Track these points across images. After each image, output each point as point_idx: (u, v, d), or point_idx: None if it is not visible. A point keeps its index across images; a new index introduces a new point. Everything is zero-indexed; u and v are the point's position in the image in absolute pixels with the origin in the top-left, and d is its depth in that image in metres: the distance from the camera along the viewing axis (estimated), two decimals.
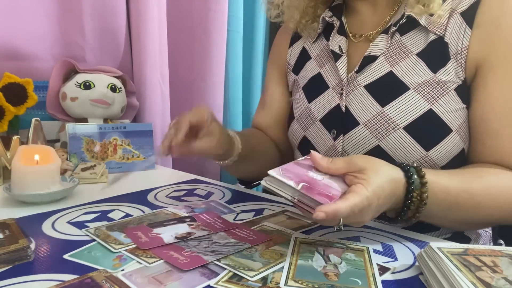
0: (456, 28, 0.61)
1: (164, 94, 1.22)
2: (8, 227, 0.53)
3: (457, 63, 0.60)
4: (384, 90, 0.64)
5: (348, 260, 0.46)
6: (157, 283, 0.41)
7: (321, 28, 0.75)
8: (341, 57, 0.69)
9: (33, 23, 1.04)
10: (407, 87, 0.62)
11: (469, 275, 0.37)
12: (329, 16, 0.72)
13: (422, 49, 0.63)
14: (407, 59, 0.63)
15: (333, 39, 0.71)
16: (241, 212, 0.65)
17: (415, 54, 0.63)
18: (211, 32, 1.28)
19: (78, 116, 1.03)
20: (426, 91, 0.61)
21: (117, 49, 1.17)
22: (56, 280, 0.42)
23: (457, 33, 0.60)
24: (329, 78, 0.71)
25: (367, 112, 0.64)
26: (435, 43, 0.62)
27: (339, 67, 0.68)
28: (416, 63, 0.62)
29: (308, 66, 0.76)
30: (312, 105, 0.72)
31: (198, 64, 1.30)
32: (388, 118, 0.62)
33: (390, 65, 0.64)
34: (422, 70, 0.62)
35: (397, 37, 0.65)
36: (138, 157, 1.00)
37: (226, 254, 0.47)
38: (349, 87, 0.67)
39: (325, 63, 0.73)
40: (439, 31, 0.62)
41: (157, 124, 1.20)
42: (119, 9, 1.14)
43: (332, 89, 0.69)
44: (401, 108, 0.61)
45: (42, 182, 0.69)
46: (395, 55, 0.64)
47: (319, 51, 0.76)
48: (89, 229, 0.56)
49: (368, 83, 0.65)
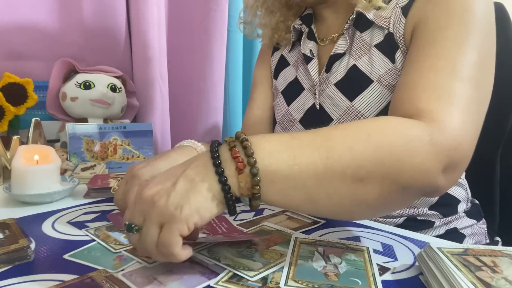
0: (396, 21, 0.62)
1: (164, 94, 1.22)
2: (8, 227, 0.53)
3: (400, 51, 0.62)
4: (351, 85, 0.66)
5: (348, 260, 0.46)
6: (157, 283, 0.41)
7: (294, 36, 0.79)
8: (312, 60, 0.73)
9: (33, 23, 1.04)
10: (371, 79, 0.64)
11: (469, 275, 0.37)
12: (299, 24, 0.77)
13: (380, 41, 0.65)
14: (368, 53, 0.66)
15: (303, 44, 0.75)
16: (241, 212, 0.65)
17: (373, 46, 0.65)
18: (211, 32, 1.28)
19: (78, 116, 1.03)
20: (388, 81, 0.62)
21: (117, 49, 1.17)
22: (56, 280, 0.42)
23: (397, 24, 0.62)
24: (304, 80, 0.75)
25: (338, 108, 0.67)
26: (388, 36, 0.64)
27: (310, 69, 0.72)
28: (377, 56, 0.64)
29: (287, 72, 0.80)
30: (291, 107, 0.76)
31: (198, 64, 1.30)
32: (357, 111, 0.64)
33: (354, 59, 0.67)
34: (382, 61, 0.64)
35: (358, 34, 0.68)
36: (138, 157, 1.00)
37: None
38: (322, 87, 0.71)
39: (299, 67, 0.77)
40: (385, 24, 0.64)
41: (157, 124, 1.20)
42: (119, 9, 1.14)
43: (308, 90, 0.73)
44: (367, 100, 0.64)
45: (42, 182, 0.69)
46: (357, 50, 0.67)
47: (296, 58, 0.80)
48: (89, 229, 0.56)
49: (337, 80, 0.68)
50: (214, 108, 1.34)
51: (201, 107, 1.32)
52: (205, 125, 1.33)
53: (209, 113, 1.33)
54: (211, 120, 1.34)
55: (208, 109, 1.33)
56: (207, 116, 1.33)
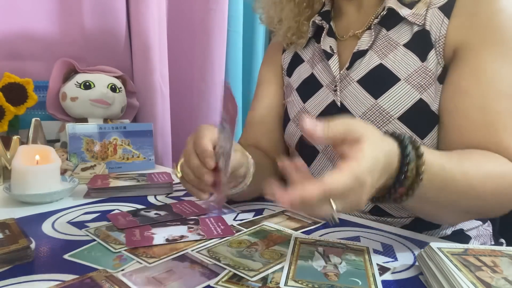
0: (435, 20, 0.62)
1: (164, 94, 1.22)
2: (8, 227, 0.53)
3: (435, 51, 0.62)
4: (376, 82, 0.65)
5: (348, 260, 0.46)
6: (157, 283, 0.41)
7: (312, 32, 0.78)
8: (332, 56, 0.71)
9: (33, 23, 1.05)
10: (398, 78, 0.63)
11: (469, 275, 0.37)
12: (319, 20, 0.75)
13: (409, 39, 0.64)
14: (395, 51, 0.65)
15: (324, 40, 0.74)
16: (241, 212, 0.65)
17: (402, 45, 0.65)
18: (211, 32, 1.28)
19: (78, 116, 1.03)
20: (416, 81, 0.62)
21: (117, 49, 1.17)
22: (56, 280, 0.42)
23: (436, 23, 0.62)
24: (322, 77, 0.73)
25: (361, 106, 0.66)
26: (419, 33, 0.63)
27: (331, 65, 0.71)
28: (404, 54, 0.64)
29: (301, 68, 0.79)
30: (307, 104, 0.74)
31: (198, 64, 1.30)
32: (382, 109, 0.63)
33: (380, 58, 0.66)
34: (411, 59, 0.63)
35: (384, 32, 0.67)
36: (138, 157, 1.00)
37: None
38: (343, 83, 0.69)
39: (317, 64, 0.76)
40: (419, 21, 0.63)
41: (157, 124, 1.20)
42: (119, 9, 1.14)
43: (326, 87, 0.72)
44: (393, 99, 0.63)
45: (42, 182, 0.69)
46: (383, 48, 0.66)
47: (311, 54, 0.78)
48: (89, 229, 0.56)
49: (360, 77, 0.67)
50: (214, 108, 1.34)
51: (201, 107, 1.32)
52: None
53: (209, 113, 1.33)
54: (211, 120, 1.34)
55: (208, 109, 1.33)
56: (207, 116, 1.33)
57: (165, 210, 0.64)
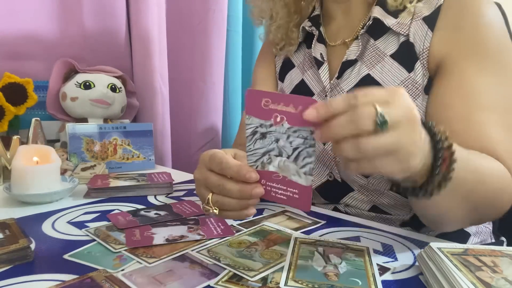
0: (418, 32, 0.62)
1: (164, 94, 1.22)
2: (8, 227, 0.53)
3: (420, 63, 0.62)
4: None
5: (348, 260, 0.46)
6: (157, 283, 0.41)
7: (302, 37, 0.78)
8: (323, 65, 0.71)
9: (33, 23, 1.04)
10: None
11: (469, 275, 0.37)
12: (309, 26, 0.75)
13: (395, 50, 0.64)
14: (382, 62, 0.65)
15: (314, 47, 0.74)
16: None
17: (389, 55, 0.65)
18: (211, 32, 1.28)
19: (78, 116, 1.03)
20: None
21: (117, 49, 1.17)
22: (56, 280, 0.42)
23: (420, 36, 0.62)
24: (312, 84, 0.74)
25: None
26: (405, 44, 0.64)
27: (321, 74, 0.71)
28: (391, 65, 0.64)
29: (293, 73, 0.79)
30: None
31: (198, 64, 1.30)
32: None
33: (368, 68, 0.66)
34: (397, 71, 0.63)
35: (371, 42, 0.67)
36: (138, 157, 1.00)
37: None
38: (333, 93, 0.70)
39: (307, 70, 0.76)
40: (404, 30, 0.63)
41: (157, 124, 1.20)
42: (119, 9, 1.14)
43: (317, 96, 0.72)
44: None
45: (42, 182, 0.69)
46: (371, 58, 0.67)
47: (301, 59, 0.79)
48: (89, 229, 0.56)
49: (350, 87, 0.67)
50: (214, 108, 1.34)
51: (201, 107, 1.32)
52: (204, 125, 1.33)
53: (208, 113, 1.33)
54: (211, 120, 1.34)
55: (207, 109, 1.33)
56: (207, 116, 1.33)
57: (165, 210, 0.64)
